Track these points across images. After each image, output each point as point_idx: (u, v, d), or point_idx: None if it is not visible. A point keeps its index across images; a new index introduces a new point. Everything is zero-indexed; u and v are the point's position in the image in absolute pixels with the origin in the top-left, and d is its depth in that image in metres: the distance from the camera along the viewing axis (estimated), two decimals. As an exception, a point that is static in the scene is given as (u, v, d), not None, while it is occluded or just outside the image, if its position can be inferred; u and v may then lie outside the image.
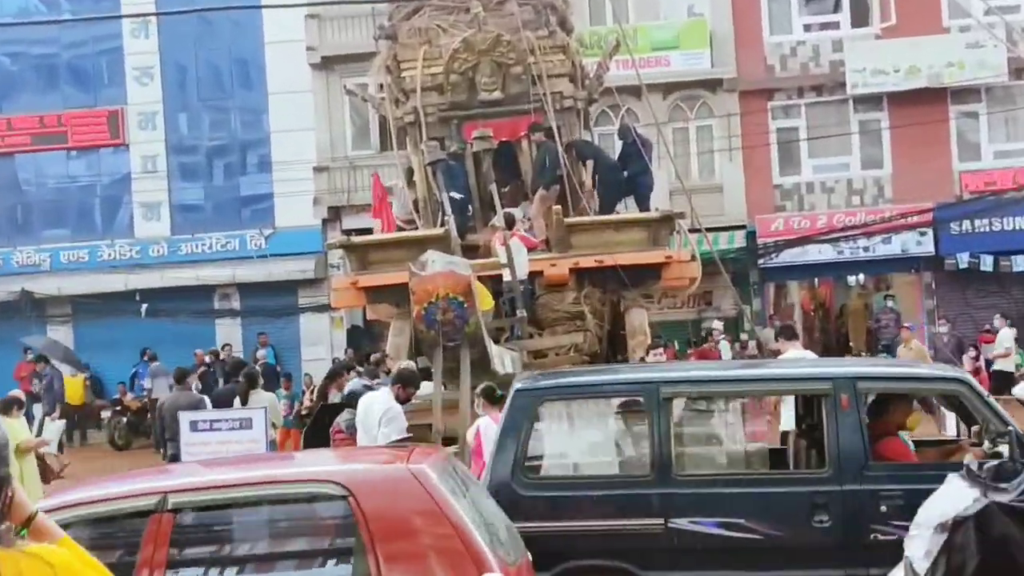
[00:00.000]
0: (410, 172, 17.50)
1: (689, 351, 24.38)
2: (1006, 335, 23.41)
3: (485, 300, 11.96)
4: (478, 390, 10.17)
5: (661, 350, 13.45)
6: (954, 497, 4.99)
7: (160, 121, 29.71)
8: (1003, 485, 4.86)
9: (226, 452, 10.08)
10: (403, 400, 10.65)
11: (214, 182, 30.03)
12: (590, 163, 17.11)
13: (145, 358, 27.01)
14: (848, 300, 29.71)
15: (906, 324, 22.13)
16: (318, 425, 11.92)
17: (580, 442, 8.67)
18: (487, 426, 9.69)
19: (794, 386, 8.66)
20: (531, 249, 15.67)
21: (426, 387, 13.50)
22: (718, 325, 24.54)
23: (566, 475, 8.52)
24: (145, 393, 25.86)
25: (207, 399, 14.78)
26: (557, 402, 8.46)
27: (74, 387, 26.51)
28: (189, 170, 29.92)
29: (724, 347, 23.64)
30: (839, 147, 27.39)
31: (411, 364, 14.24)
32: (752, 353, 24.48)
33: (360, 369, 16.51)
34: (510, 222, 15.50)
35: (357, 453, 8.25)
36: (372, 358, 16.12)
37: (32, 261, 29.63)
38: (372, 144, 28.78)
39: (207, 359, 26.21)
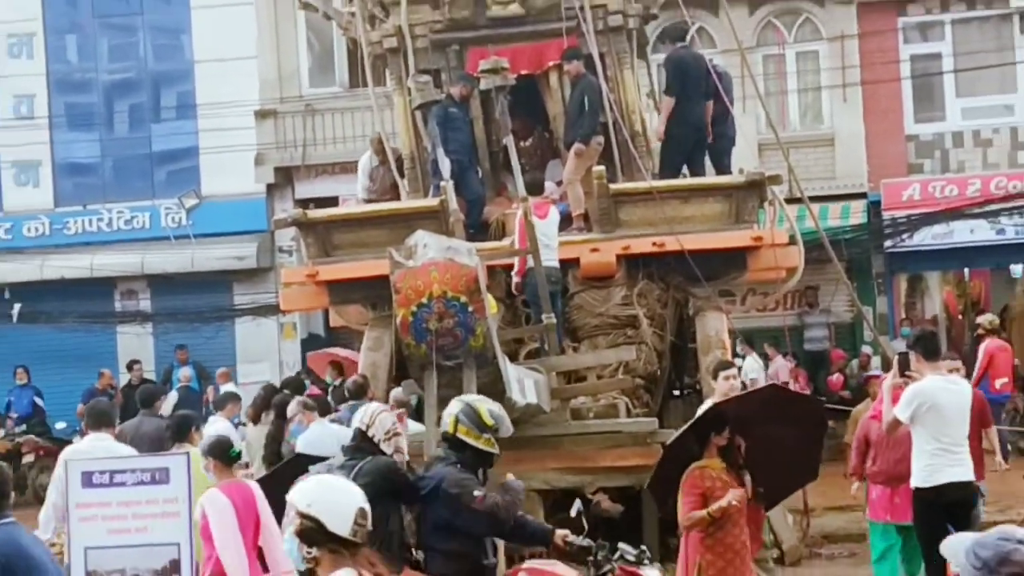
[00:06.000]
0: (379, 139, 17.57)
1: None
2: None
3: (490, 304, 11.99)
4: (202, 446, 10.51)
5: (735, 371, 13.35)
6: None
7: (39, 46, 29.76)
8: None
9: (132, 516, 10.08)
10: None
11: (115, 133, 30.08)
12: (667, 102, 16.95)
13: (19, 379, 27.09)
14: (1012, 299, 29.60)
15: None
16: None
17: None
18: (214, 500, 10.05)
19: None
20: (563, 227, 15.67)
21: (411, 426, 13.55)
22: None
23: None
24: (17, 430, 25.90)
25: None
26: None
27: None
28: (79, 116, 29.95)
29: (752, 367, 22.79)
30: (999, 82, 27.26)
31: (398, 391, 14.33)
32: (873, 374, 24.42)
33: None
34: (537, 189, 15.51)
35: None
36: (349, 383, 16.18)
37: None
38: (337, 80, 28.76)
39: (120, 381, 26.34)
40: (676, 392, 17.19)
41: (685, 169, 17.22)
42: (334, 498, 5.69)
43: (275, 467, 13.00)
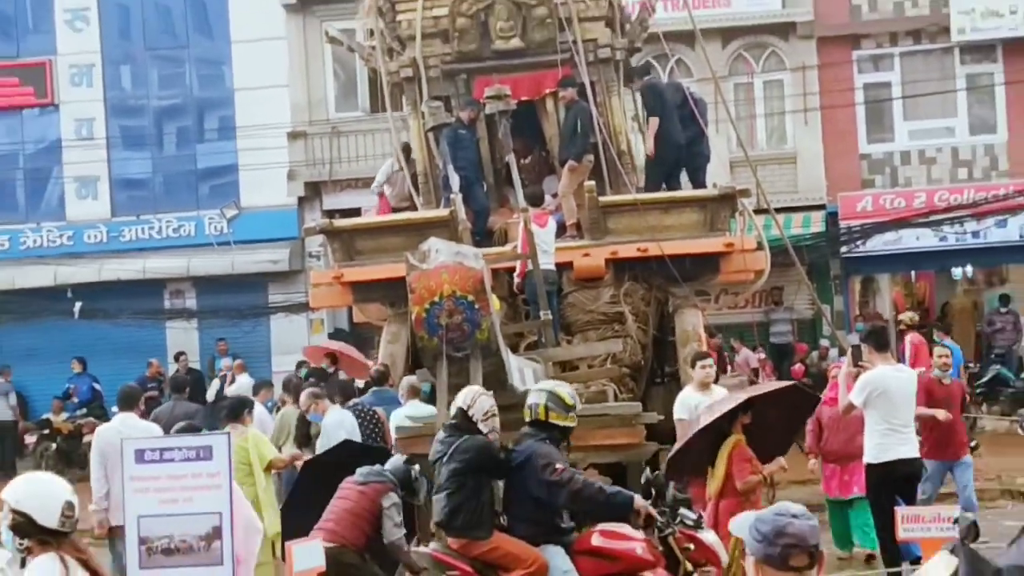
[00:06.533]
0: (407, 148, 17.54)
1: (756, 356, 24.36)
2: None
3: (494, 300, 11.97)
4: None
5: (711, 361, 13.37)
6: None
7: (97, 76, 29.73)
8: None
9: (179, 488, 10.10)
10: None
11: (164, 152, 30.06)
12: (653, 122, 16.86)
13: (75, 368, 27.10)
14: (953, 297, 29.60)
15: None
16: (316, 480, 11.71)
17: None
18: None
19: None
20: (558, 235, 15.65)
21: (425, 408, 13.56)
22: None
23: None
24: (79, 413, 25.91)
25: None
26: None
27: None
28: (133, 137, 29.95)
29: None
30: (942, 108, 27.24)
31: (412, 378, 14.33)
32: (837, 363, 24.45)
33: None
34: (536, 201, 15.48)
35: None
36: (372, 371, 16.20)
37: (-61, 249, 29.75)
38: (360, 105, 28.76)
39: (166, 371, 26.27)
40: (657, 380, 17.16)
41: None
42: (42, 494, 5.64)
43: (325, 450, 12.89)
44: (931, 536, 9.62)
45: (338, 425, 13.50)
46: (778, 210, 20.69)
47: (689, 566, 9.15)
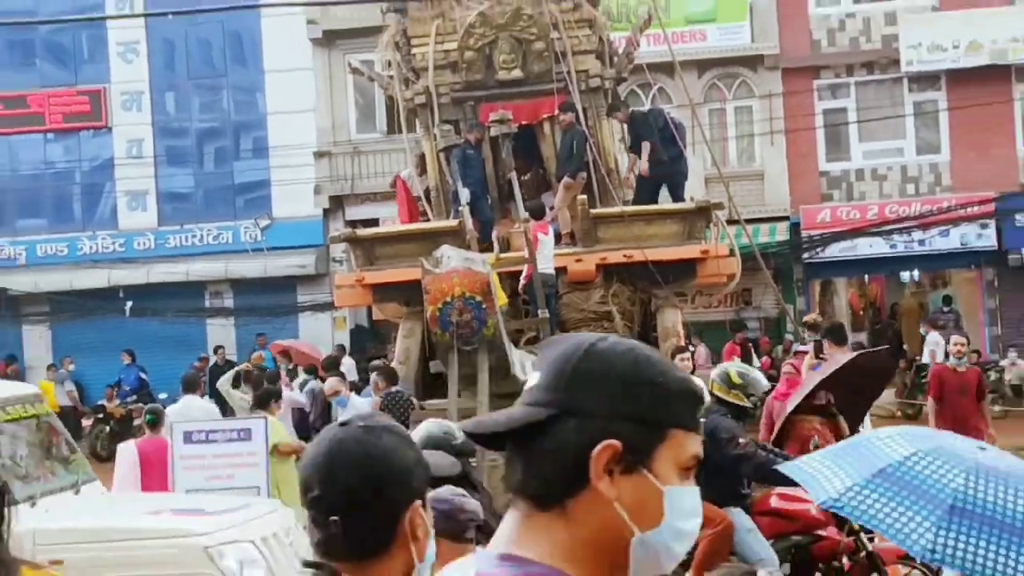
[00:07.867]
0: (422, 158, 17.58)
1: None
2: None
3: (499, 296, 12.01)
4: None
5: (689, 355, 13.42)
6: None
7: (146, 101, 29.83)
8: None
9: (223, 466, 10.21)
10: None
11: (205, 169, 30.16)
12: (646, 145, 16.69)
13: (124, 360, 27.17)
14: (901, 299, 29.67)
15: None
16: None
17: None
18: (123, 452, 10.82)
19: None
20: (554, 243, 15.69)
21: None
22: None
23: None
24: (129, 400, 25.98)
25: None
26: None
27: (46, 392, 26.60)
28: (178, 155, 30.03)
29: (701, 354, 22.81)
30: (892, 131, 27.32)
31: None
32: (788, 361, 24.49)
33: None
34: (539, 213, 15.53)
35: None
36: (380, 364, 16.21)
37: (6, 255, 29.79)
38: (378, 127, 28.83)
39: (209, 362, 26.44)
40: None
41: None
42: None
43: None
44: None
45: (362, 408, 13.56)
46: (747, 221, 20.74)
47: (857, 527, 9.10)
